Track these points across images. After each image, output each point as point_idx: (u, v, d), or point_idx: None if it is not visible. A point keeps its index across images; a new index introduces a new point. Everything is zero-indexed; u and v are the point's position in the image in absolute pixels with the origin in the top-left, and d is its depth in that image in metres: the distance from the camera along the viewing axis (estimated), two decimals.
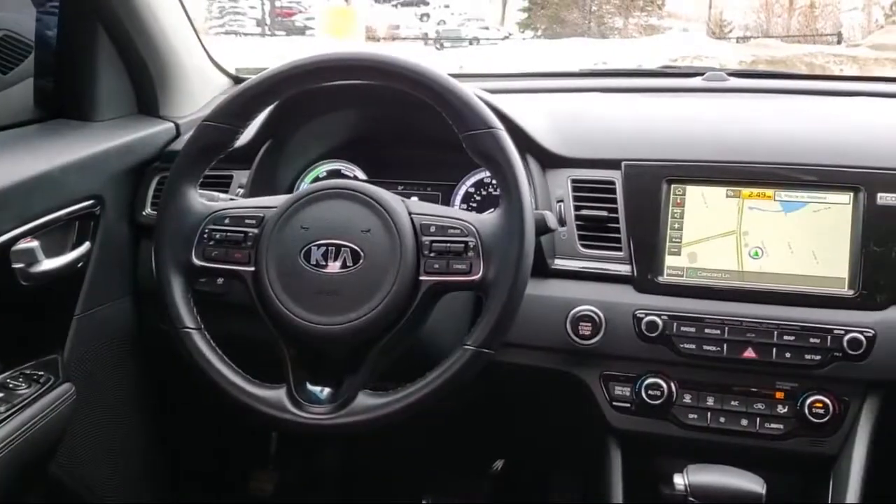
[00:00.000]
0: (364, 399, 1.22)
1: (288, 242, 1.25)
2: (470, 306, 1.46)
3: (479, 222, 1.24)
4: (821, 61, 9.51)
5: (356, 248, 1.22)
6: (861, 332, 1.30)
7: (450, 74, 1.26)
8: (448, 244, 1.22)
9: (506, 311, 1.20)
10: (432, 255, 1.23)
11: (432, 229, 1.24)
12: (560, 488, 1.98)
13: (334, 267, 1.23)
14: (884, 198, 1.33)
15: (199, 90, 1.88)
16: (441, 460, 2.12)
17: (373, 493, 2.13)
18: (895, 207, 1.33)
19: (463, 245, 1.22)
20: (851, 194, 1.35)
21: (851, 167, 1.36)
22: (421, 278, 1.23)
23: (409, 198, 1.53)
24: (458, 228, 1.23)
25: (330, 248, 1.23)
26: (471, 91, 1.25)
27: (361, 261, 1.22)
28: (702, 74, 1.81)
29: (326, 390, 1.25)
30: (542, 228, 1.29)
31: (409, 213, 1.25)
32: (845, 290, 1.33)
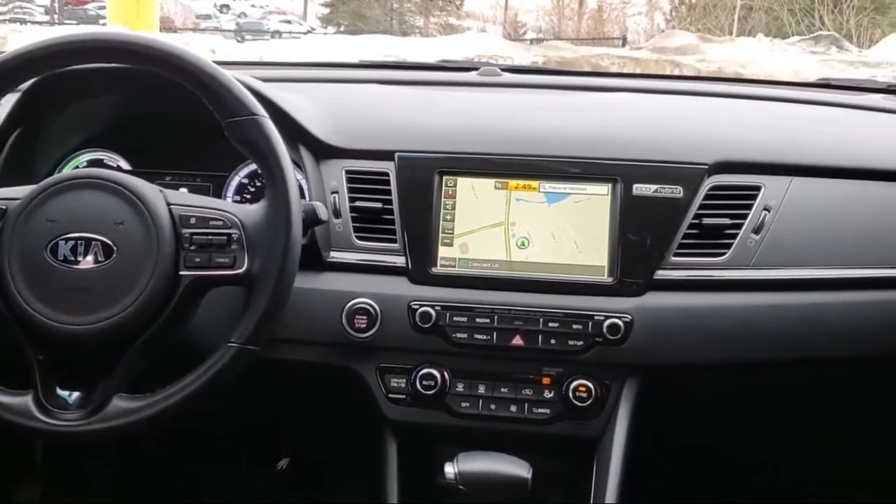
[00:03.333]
0: (119, 403, 1.16)
1: (32, 236, 1.16)
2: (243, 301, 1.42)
3: (244, 213, 1.21)
4: (606, 62, 10.02)
5: (108, 241, 1.16)
6: (619, 318, 1.35)
7: (229, 63, 1.21)
8: (209, 236, 1.18)
9: (272, 305, 1.18)
10: (193, 248, 1.18)
11: (192, 221, 1.19)
12: (345, 484, 1.97)
13: (86, 262, 1.16)
14: (639, 188, 1.39)
15: None
16: (223, 460, 2.06)
17: (151, 495, 2.03)
18: (649, 198, 1.39)
19: (226, 237, 1.18)
20: (609, 185, 1.40)
21: (609, 159, 1.42)
22: (181, 273, 1.18)
23: (177, 189, 1.47)
24: (220, 220, 1.19)
25: (79, 242, 1.16)
26: (232, 76, 1.21)
27: (114, 255, 1.16)
28: (477, 69, 1.84)
29: (75, 395, 1.17)
30: (312, 220, 1.27)
31: (168, 204, 1.20)
32: (605, 278, 1.39)
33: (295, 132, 1.44)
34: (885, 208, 1.44)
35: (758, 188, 1.42)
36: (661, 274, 1.38)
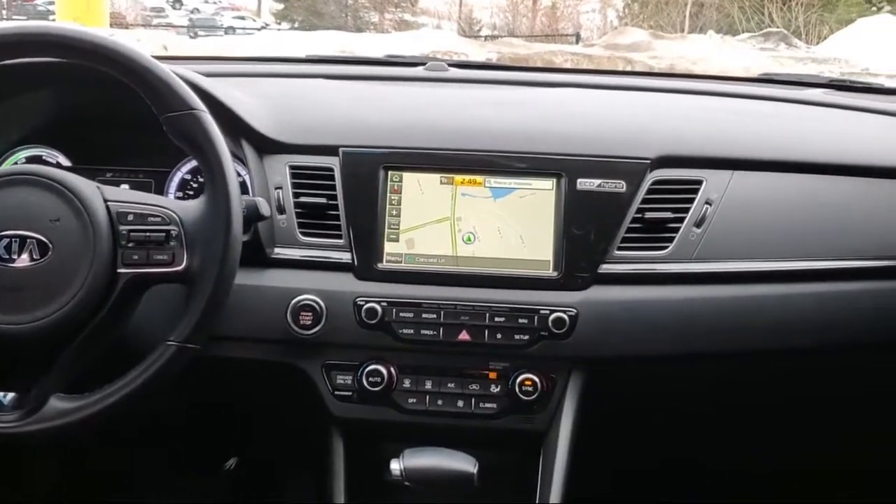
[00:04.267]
0: (56, 403, 1.14)
1: None
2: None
3: (182, 210, 1.19)
4: (559, 59, 10.06)
5: (44, 239, 1.13)
6: (564, 312, 1.36)
7: (171, 57, 1.19)
8: (147, 233, 1.16)
9: (212, 303, 1.17)
10: (131, 245, 1.16)
11: (130, 217, 1.17)
12: (294, 483, 1.95)
13: (21, 261, 1.14)
14: (583, 183, 1.40)
15: None
16: (170, 460, 2.03)
17: (96, 495, 2.00)
18: (593, 192, 1.40)
19: (164, 234, 1.17)
20: (554, 180, 1.41)
21: (554, 154, 1.42)
22: (119, 271, 1.16)
23: (118, 185, 1.45)
24: (158, 216, 1.18)
25: (14, 240, 1.14)
26: (170, 70, 1.19)
27: (50, 253, 1.13)
28: (424, 64, 1.83)
29: (10, 395, 1.15)
30: (254, 216, 1.27)
31: (105, 201, 1.17)
32: (550, 272, 1.39)
33: (237, 127, 1.42)
34: (824, 201, 1.46)
35: (699, 182, 1.43)
36: (605, 268, 1.39)
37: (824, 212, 1.46)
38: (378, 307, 1.37)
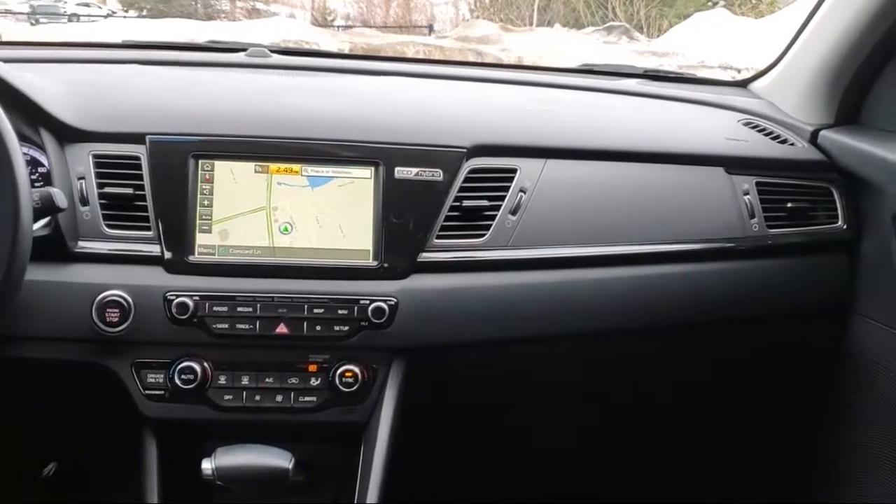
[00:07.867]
0: None
1: None
2: None
3: None
4: (412, 50, 10.08)
5: None
6: (384, 301, 1.35)
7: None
8: None
9: None
10: None
11: None
12: (115, 486, 1.86)
13: None
14: (400, 171, 1.39)
15: None
16: None
17: None
18: (411, 181, 1.39)
19: None
20: (372, 169, 1.39)
21: (371, 142, 1.41)
22: None
23: None
24: None
25: None
26: None
27: None
28: (245, 50, 1.78)
29: None
30: (49, 207, 1.19)
31: None
32: (370, 262, 1.38)
33: (34, 114, 1.34)
34: (635, 188, 1.51)
35: (514, 171, 1.45)
36: (424, 256, 1.39)
37: (635, 198, 1.50)
38: (190, 302, 1.32)
